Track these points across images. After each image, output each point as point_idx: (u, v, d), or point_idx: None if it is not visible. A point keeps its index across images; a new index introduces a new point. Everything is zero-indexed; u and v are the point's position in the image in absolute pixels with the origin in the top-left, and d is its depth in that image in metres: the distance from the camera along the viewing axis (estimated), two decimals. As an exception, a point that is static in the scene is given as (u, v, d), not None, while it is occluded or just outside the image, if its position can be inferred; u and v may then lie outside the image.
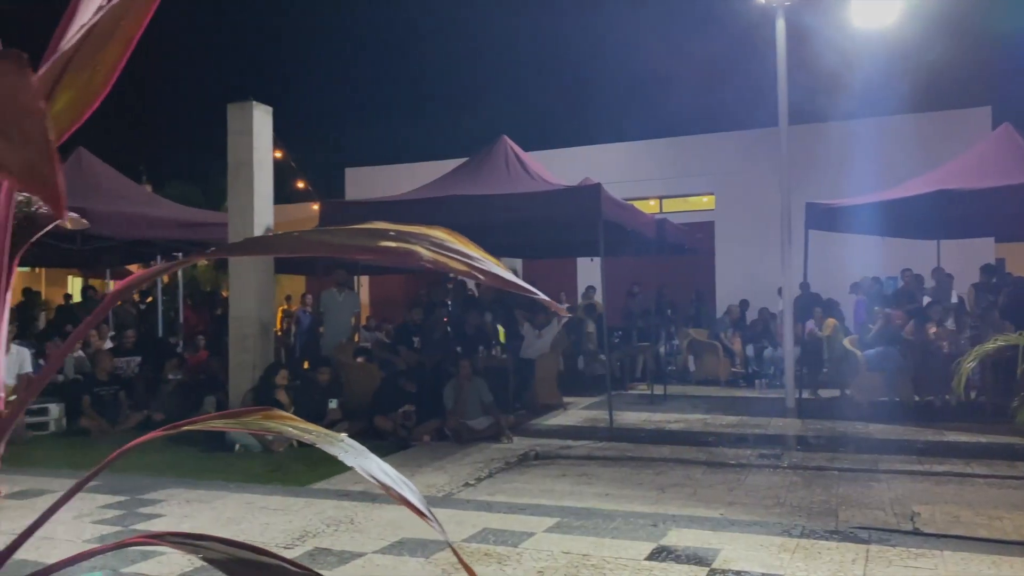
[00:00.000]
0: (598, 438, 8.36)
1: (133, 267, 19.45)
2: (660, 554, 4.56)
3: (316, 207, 16.38)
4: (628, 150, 18.96)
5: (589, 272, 16.02)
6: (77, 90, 0.75)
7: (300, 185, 26.62)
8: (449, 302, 12.59)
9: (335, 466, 6.66)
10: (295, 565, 0.89)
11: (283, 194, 16.53)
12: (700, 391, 12.43)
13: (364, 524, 5.24)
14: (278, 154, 15.48)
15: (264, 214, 9.49)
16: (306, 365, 10.73)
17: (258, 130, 9.48)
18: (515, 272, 0.96)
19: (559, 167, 13.64)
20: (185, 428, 0.94)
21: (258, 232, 9.32)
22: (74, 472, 6.87)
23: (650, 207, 17.47)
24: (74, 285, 21.12)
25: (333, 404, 8.79)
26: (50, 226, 0.82)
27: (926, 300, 11.68)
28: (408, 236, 0.91)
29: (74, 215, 1.12)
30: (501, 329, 11.63)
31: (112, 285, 16.85)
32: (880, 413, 9.42)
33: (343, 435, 0.99)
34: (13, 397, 0.99)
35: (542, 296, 0.99)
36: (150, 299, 15.35)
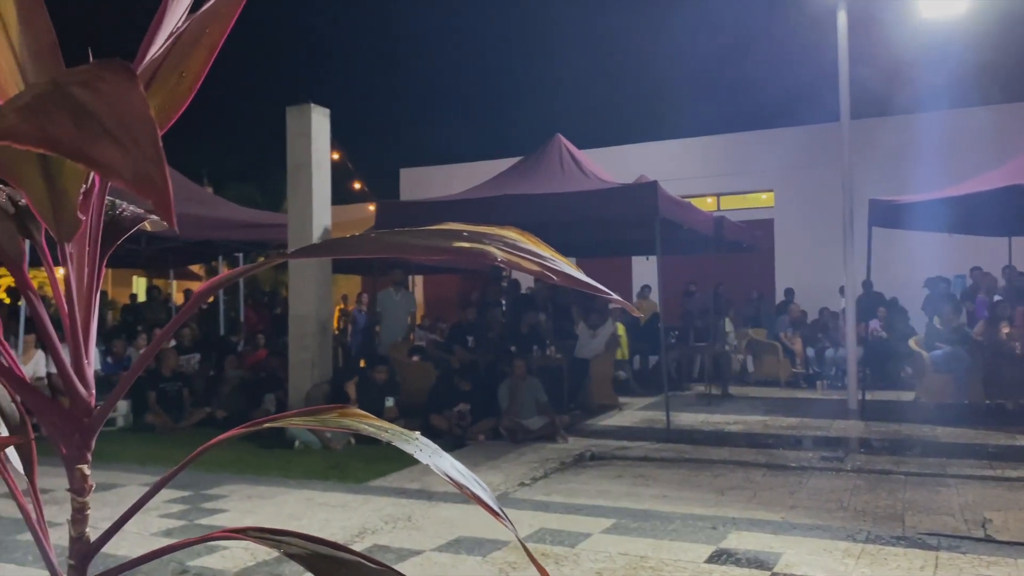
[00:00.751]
0: (655, 439, 8.27)
1: (195, 267, 20.00)
2: (720, 557, 4.49)
3: (372, 208, 16.59)
4: (685, 147, 18.72)
5: (644, 271, 15.89)
6: (164, 96, 0.77)
7: (356, 186, 27.01)
8: (503, 301, 12.62)
9: (392, 464, 6.79)
10: (372, 562, 0.89)
11: (339, 195, 16.75)
12: (759, 392, 12.23)
13: (421, 522, 5.29)
14: (335, 155, 15.74)
15: (322, 215, 9.63)
16: (362, 364, 10.89)
17: (316, 132, 9.62)
18: None
19: (614, 164, 13.56)
20: (267, 425, 0.96)
21: (317, 233, 9.47)
22: (141, 467, 7.10)
23: (707, 204, 17.24)
24: (139, 285, 21.76)
25: (390, 402, 8.90)
26: (147, 229, 0.84)
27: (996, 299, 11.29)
28: (481, 237, 0.92)
29: (155, 218, 1.15)
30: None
31: (175, 285, 17.31)
32: (948, 416, 9.12)
33: (417, 433, 1.00)
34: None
35: (616, 297, 0.99)
36: (211, 298, 15.73)
